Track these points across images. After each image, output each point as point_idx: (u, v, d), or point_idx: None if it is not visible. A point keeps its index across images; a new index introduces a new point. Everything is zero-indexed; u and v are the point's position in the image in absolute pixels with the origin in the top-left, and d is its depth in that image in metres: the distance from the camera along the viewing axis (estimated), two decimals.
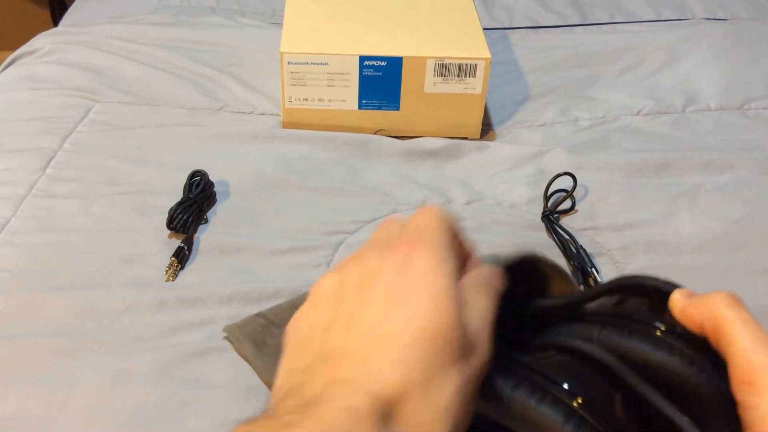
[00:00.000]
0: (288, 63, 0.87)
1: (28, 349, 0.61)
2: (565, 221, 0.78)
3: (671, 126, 0.94)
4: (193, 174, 0.79)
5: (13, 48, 1.11)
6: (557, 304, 0.34)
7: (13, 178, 0.80)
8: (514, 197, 0.82)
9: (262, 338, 0.61)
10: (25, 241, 0.72)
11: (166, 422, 0.56)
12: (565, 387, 0.29)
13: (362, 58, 0.87)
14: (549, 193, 0.80)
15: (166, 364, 0.60)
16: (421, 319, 0.27)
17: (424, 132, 0.92)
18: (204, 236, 0.74)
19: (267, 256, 0.72)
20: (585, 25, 1.19)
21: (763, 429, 0.25)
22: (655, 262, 0.73)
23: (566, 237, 0.74)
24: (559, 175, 0.80)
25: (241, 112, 0.94)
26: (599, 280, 0.70)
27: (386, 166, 0.86)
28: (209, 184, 0.78)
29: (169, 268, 0.69)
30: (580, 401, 0.28)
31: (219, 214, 0.77)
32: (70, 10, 1.28)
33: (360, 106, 0.91)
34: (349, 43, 0.89)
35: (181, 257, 0.70)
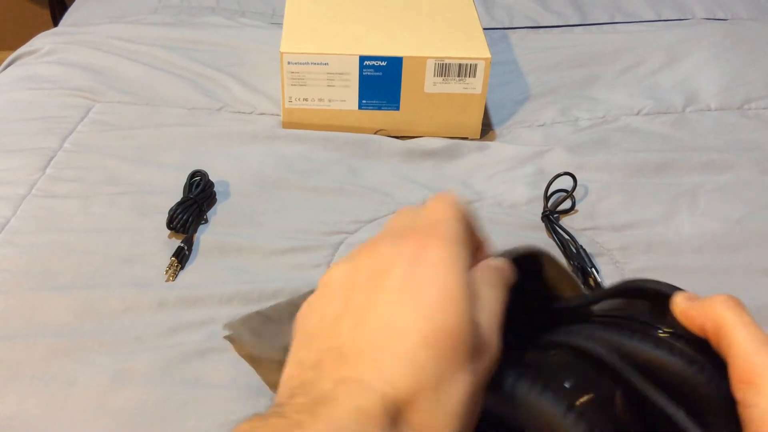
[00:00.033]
0: (288, 63, 0.87)
1: (28, 349, 0.61)
2: (565, 221, 0.78)
3: (671, 126, 0.94)
4: (193, 174, 0.79)
5: (13, 48, 1.11)
6: (563, 307, 0.34)
7: (13, 178, 0.80)
8: (514, 197, 0.82)
9: (261, 332, 0.61)
10: (25, 241, 0.72)
11: (166, 422, 0.56)
12: (568, 384, 0.29)
13: (362, 58, 0.87)
14: (549, 193, 0.80)
15: (166, 364, 0.60)
16: (433, 318, 0.27)
17: (424, 132, 0.92)
18: (204, 236, 0.74)
19: (267, 256, 0.72)
20: (585, 25, 1.19)
21: (763, 427, 0.25)
22: (655, 262, 0.73)
23: (566, 237, 0.75)
24: (559, 175, 0.80)
25: (241, 112, 0.94)
26: (599, 280, 0.70)
27: (386, 166, 0.86)
28: (209, 184, 0.78)
29: (169, 268, 0.69)
30: (582, 398, 0.28)
31: (219, 214, 0.77)
32: (70, 10, 1.28)
33: (360, 106, 0.91)
34: (349, 43, 0.89)
35: (181, 257, 0.70)
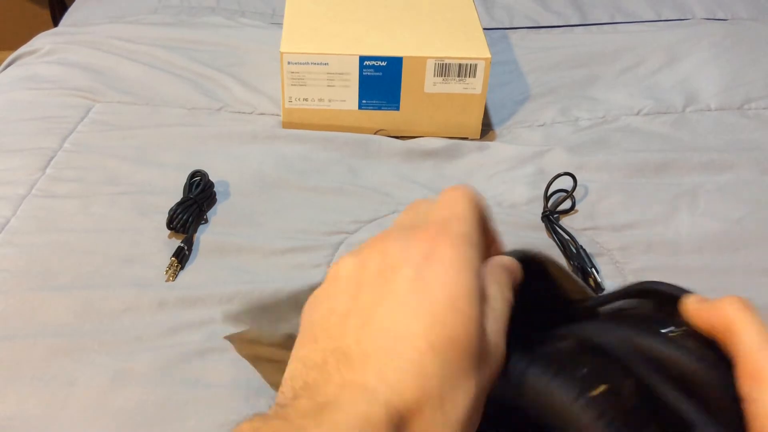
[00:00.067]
0: (288, 63, 0.87)
1: (28, 349, 0.61)
2: (565, 221, 0.78)
3: (671, 126, 0.94)
4: (193, 174, 0.79)
5: (13, 48, 1.11)
6: (573, 307, 0.34)
7: (13, 178, 0.80)
8: (514, 197, 0.82)
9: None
10: (25, 241, 0.72)
11: (166, 422, 0.56)
12: (579, 373, 0.29)
13: (362, 58, 0.87)
14: (549, 193, 0.80)
15: (166, 364, 0.60)
16: (442, 325, 0.26)
17: (424, 132, 0.92)
18: (204, 236, 0.74)
19: (267, 256, 0.72)
20: (585, 25, 1.19)
21: (767, 421, 0.26)
22: (655, 262, 0.73)
23: (566, 237, 0.75)
24: (559, 175, 0.80)
25: (241, 112, 0.94)
26: (599, 280, 0.70)
27: (386, 166, 0.86)
28: (209, 184, 0.78)
29: (169, 268, 0.69)
30: (593, 387, 0.29)
31: (219, 214, 0.77)
32: (70, 10, 1.28)
33: (360, 106, 0.90)
34: (349, 43, 0.89)
35: (181, 257, 0.70)
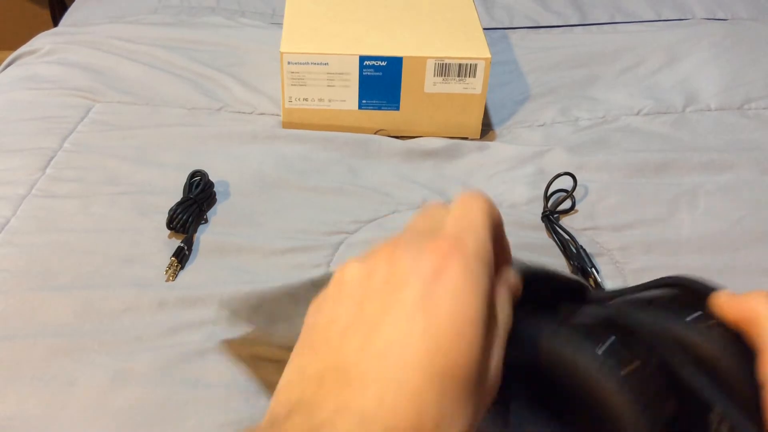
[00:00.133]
0: (288, 63, 0.87)
1: (28, 349, 0.61)
2: (565, 221, 0.78)
3: (671, 126, 0.94)
4: (193, 174, 0.79)
5: (13, 48, 1.11)
6: (606, 295, 0.35)
7: (13, 178, 0.80)
8: (514, 197, 0.82)
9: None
10: (25, 241, 0.72)
11: (166, 422, 0.56)
12: (605, 343, 0.30)
13: (362, 58, 0.87)
14: (549, 193, 0.80)
15: (166, 364, 0.60)
16: (445, 353, 0.26)
17: (424, 132, 0.92)
18: (204, 236, 0.74)
19: (267, 256, 0.72)
20: (585, 25, 1.19)
21: None
22: (655, 262, 0.73)
23: (566, 237, 0.75)
24: (559, 175, 0.80)
25: (241, 112, 0.94)
26: (599, 280, 0.70)
27: (386, 166, 0.86)
28: (209, 184, 0.78)
29: (169, 268, 0.69)
30: (628, 363, 0.30)
31: (219, 214, 0.77)
32: (70, 10, 1.28)
33: (360, 106, 0.90)
34: (349, 43, 0.89)
35: (181, 257, 0.70)
